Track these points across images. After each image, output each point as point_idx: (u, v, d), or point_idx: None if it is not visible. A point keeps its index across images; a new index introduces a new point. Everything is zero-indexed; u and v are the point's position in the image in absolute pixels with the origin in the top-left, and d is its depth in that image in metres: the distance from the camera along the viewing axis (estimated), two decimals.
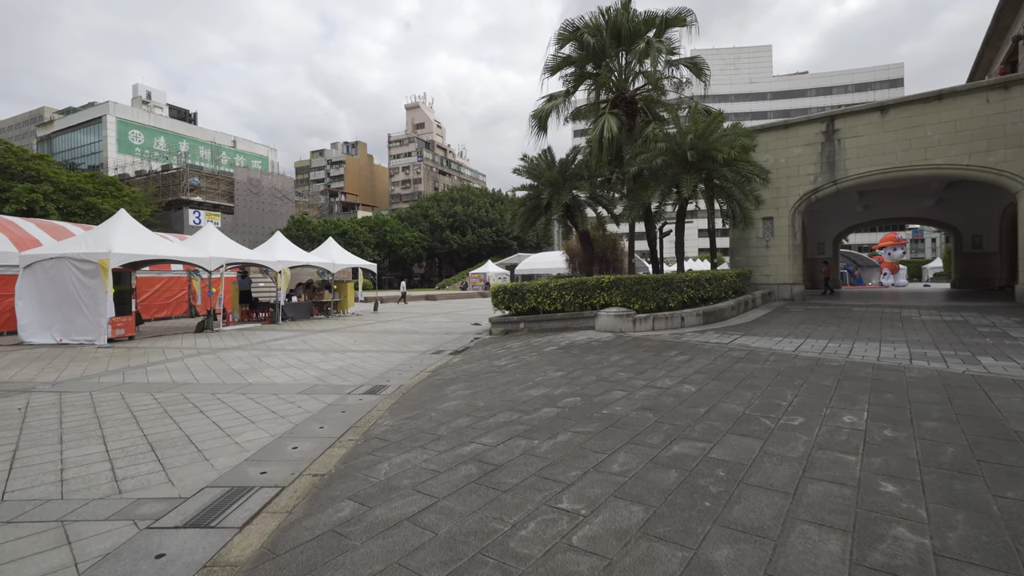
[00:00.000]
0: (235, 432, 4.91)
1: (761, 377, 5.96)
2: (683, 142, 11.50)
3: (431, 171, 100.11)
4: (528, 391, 5.93)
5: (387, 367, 8.62)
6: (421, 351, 10.45)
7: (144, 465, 4.04)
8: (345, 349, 10.90)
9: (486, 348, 9.97)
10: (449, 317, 19.55)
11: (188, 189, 52.87)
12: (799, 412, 4.53)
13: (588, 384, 6.06)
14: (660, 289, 10.79)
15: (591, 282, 11.05)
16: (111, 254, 11.98)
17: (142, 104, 71.77)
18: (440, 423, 4.87)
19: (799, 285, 16.34)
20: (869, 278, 43.97)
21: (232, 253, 16.04)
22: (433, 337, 12.94)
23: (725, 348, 7.98)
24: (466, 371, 7.63)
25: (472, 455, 3.91)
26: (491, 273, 48.31)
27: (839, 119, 15.15)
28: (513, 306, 12.35)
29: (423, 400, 5.96)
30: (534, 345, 9.53)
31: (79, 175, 35.68)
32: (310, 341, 12.41)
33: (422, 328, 15.37)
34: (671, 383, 5.87)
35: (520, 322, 12.18)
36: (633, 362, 7.23)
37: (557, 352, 8.53)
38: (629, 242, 13.88)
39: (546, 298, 11.70)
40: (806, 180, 15.79)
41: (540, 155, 13.85)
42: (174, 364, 9.11)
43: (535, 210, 13.88)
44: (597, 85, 13.74)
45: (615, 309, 10.49)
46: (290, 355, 10.10)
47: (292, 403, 6.08)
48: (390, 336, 13.35)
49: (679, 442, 3.92)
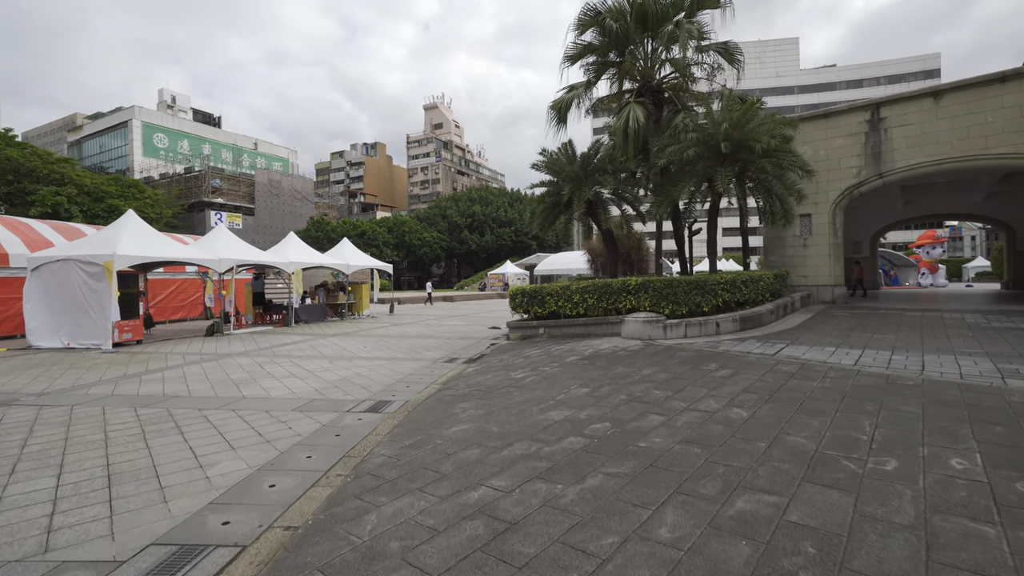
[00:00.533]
0: (210, 462, 4.24)
1: (824, 399, 5.05)
2: (716, 132, 10.55)
3: (449, 171, 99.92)
4: (549, 413, 5.15)
5: (395, 378, 7.93)
6: (433, 359, 9.75)
7: (90, 508, 3.38)
8: (353, 356, 10.27)
9: (503, 356, 9.21)
10: (466, 320, 18.86)
11: (210, 191, 53.48)
12: (888, 451, 3.65)
13: (618, 405, 5.24)
14: (693, 292, 9.87)
15: (616, 284, 10.20)
16: (116, 256, 11.60)
17: (167, 108, 73.18)
18: (445, 455, 4.12)
19: (841, 287, 15.16)
20: (906, 278, 41.87)
21: (243, 254, 15.63)
22: (447, 342, 12.25)
23: (772, 361, 7.06)
24: (480, 385, 6.88)
25: (480, 505, 3.15)
26: (510, 274, 47.59)
27: (886, 106, 13.95)
28: (532, 310, 11.57)
29: (429, 422, 5.23)
30: (554, 354, 8.74)
31: (102, 178, 36.17)
32: (319, 346, 11.84)
33: (437, 332, 14.70)
34: (717, 405, 5.02)
35: (539, 327, 11.39)
36: (668, 377, 6.38)
37: (580, 363, 7.72)
38: (656, 241, 12.95)
39: (567, 302, 10.89)
40: (848, 174, 14.62)
41: (560, 149, 13.01)
42: (172, 372, 8.59)
43: (555, 208, 13.05)
44: (620, 74, 12.85)
45: (643, 314, 9.62)
46: (295, 362, 9.51)
47: (283, 423, 5.41)
48: (403, 341, 12.70)
49: (742, 494, 3.09)
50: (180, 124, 69.78)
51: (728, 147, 10.22)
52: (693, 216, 14.41)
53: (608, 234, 13.16)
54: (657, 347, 8.57)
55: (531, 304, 11.54)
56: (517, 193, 74.85)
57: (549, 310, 11.25)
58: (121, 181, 37.01)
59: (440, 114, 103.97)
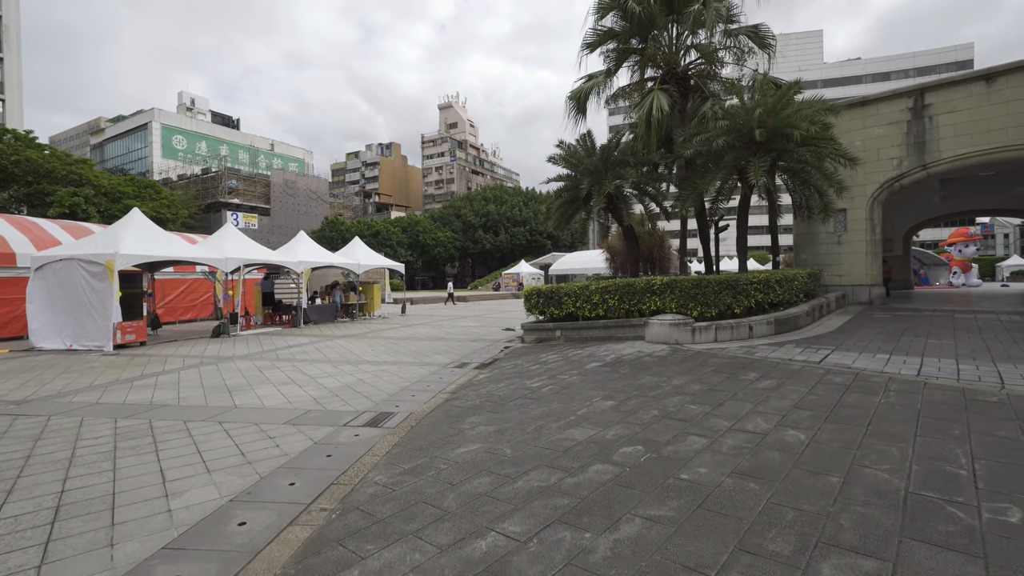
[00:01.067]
0: (178, 489, 3.67)
1: (895, 419, 4.30)
2: (749, 119, 9.74)
3: (464, 171, 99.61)
4: (570, 431, 4.48)
5: (401, 385, 7.33)
6: (443, 363, 9.13)
7: (18, 555, 2.81)
8: (359, 360, 9.71)
9: (517, 362, 8.55)
10: (479, 321, 18.25)
11: (226, 192, 53.83)
12: (1002, 493, 2.91)
13: (650, 423, 4.55)
14: (723, 293, 9.10)
15: (640, 284, 9.47)
16: (118, 255, 11.24)
17: (186, 111, 74.13)
18: (449, 485, 3.49)
19: (879, 287, 14.17)
20: (936, 277, 40.18)
21: (250, 254, 15.23)
22: (459, 345, 11.64)
23: (819, 369, 6.28)
24: (492, 395, 6.23)
25: (489, 562, 2.50)
26: (524, 273, 46.92)
27: (931, 92, 12.94)
28: (548, 311, 10.89)
29: (433, 440, 4.60)
30: (573, 360, 8.05)
31: (119, 179, 36.45)
32: (325, 349, 11.33)
33: (448, 334, 14.11)
34: (767, 425, 4.29)
35: (556, 329, 10.71)
36: (703, 388, 5.65)
37: (603, 370, 7.03)
38: (681, 239, 12.14)
39: (586, 302, 10.19)
40: (888, 166, 13.63)
41: (579, 140, 12.30)
42: (167, 377, 8.12)
43: (572, 203, 12.34)
44: (643, 61, 12.10)
45: (669, 316, 8.88)
46: (297, 367, 8.98)
47: (271, 439, 4.83)
48: (412, 344, 12.13)
49: (827, 554, 2.39)
50: (198, 126, 70.59)
51: (763, 135, 9.40)
52: (719, 212, 13.56)
53: (629, 231, 12.40)
54: (686, 353, 7.83)
55: (547, 305, 10.86)
56: (532, 192, 74.19)
57: (566, 311, 10.56)
58: (138, 182, 37.28)
59: (455, 113, 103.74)
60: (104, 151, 70.86)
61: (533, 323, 11.27)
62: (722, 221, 13.49)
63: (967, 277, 39.07)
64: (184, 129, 68.08)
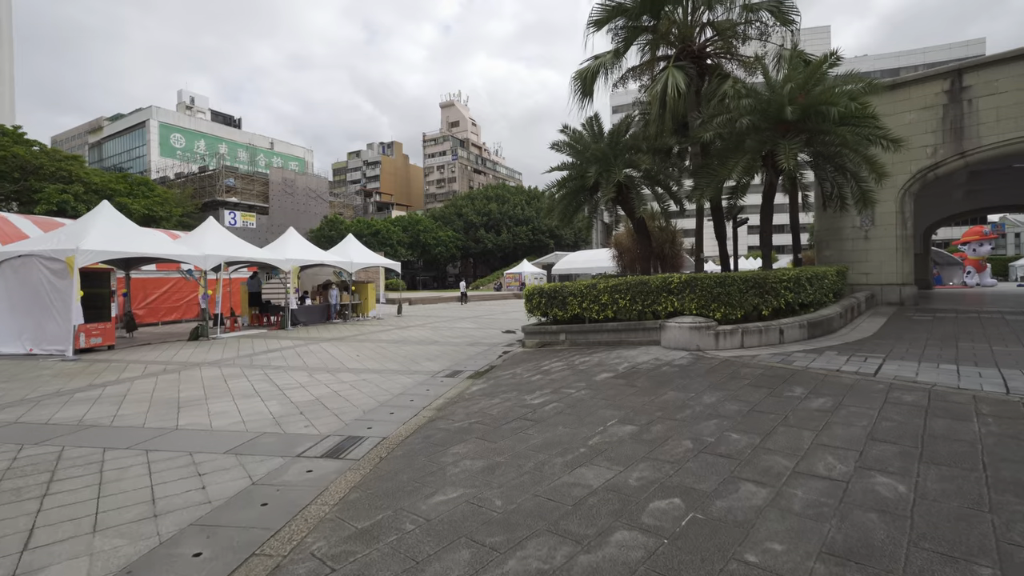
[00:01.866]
0: (32, 567, 2.64)
1: (1016, 458, 3.23)
2: (778, 97, 8.68)
3: (466, 170, 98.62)
4: (581, 471, 3.43)
5: (380, 399, 6.30)
6: (433, 372, 8.10)
7: None
8: (340, 367, 8.69)
9: (516, 370, 7.51)
10: (478, 323, 17.22)
11: (224, 190, 52.98)
12: None
13: (684, 460, 3.50)
14: (750, 292, 8.02)
15: (655, 283, 8.40)
16: (78, 251, 10.25)
17: (186, 109, 73.41)
18: (412, 563, 2.44)
19: (910, 286, 13.06)
20: (950, 277, 39.01)
21: (233, 251, 14.24)
22: (453, 350, 10.60)
23: (879, 384, 5.21)
24: (484, 414, 5.19)
25: None
26: (527, 273, 45.88)
27: (970, 72, 11.83)
28: (552, 313, 9.85)
29: (403, 481, 3.56)
30: (580, 368, 7.00)
31: (110, 175, 35.57)
32: (306, 354, 10.31)
33: (443, 337, 13.08)
34: (843, 466, 3.23)
35: (560, 333, 9.67)
36: (742, 409, 4.59)
37: (616, 383, 5.98)
38: (697, 233, 11.01)
39: (594, 303, 9.14)
40: (921, 154, 12.53)
41: (585, 124, 11.23)
42: (115, 389, 7.10)
43: (577, 194, 11.26)
44: (655, 39, 11.04)
45: (689, 319, 7.81)
46: (269, 375, 7.96)
47: (200, 476, 3.81)
48: (403, 348, 11.10)
49: None
50: (197, 124, 69.81)
51: (795, 113, 8.33)
52: (737, 206, 12.43)
53: (641, 225, 11.32)
54: (711, 361, 6.77)
55: (550, 306, 9.82)
56: (534, 191, 73.16)
57: (572, 313, 9.51)
58: (130, 179, 36.40)
59: (457, 112, 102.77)
60: (102, 150, 70.18)
61: (535, 326, 10.23)
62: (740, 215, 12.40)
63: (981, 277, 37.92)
64: (182, 127, 67.31)
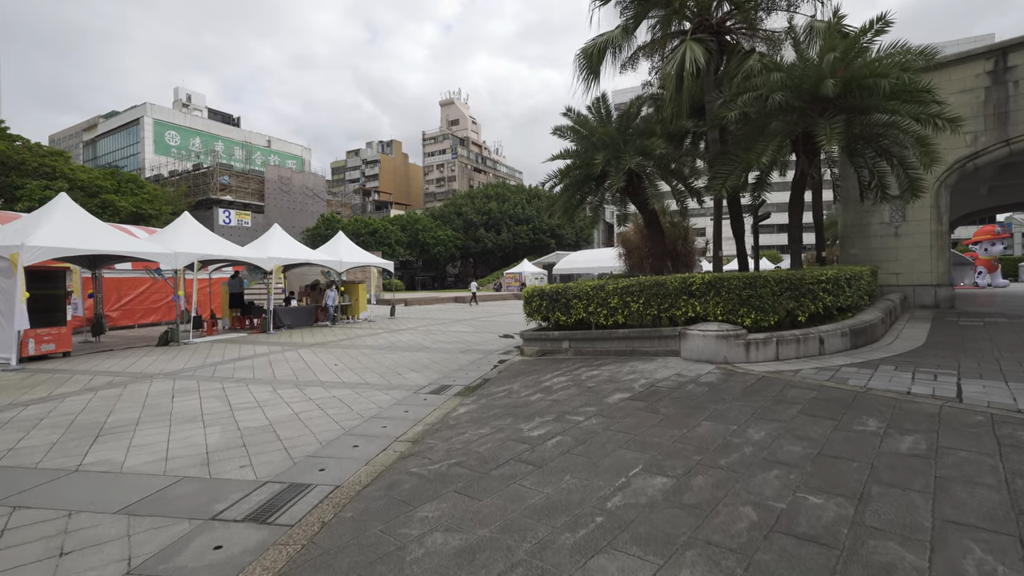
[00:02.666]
0: None
1: None
2: (814, 70, 7.56)
3: (466, 168, 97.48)
4: (602, 563, 2.31)
5: (347, 424, 5.19)
6: (416, 386, 6.99)
7: None
8: (312, 380, 7.58)
9: (512, 386, 6.40)
10: (474, 326, 16.11)
11: (218, 188, 51.92)
12: None
13: (749, 544, 2.37)
14: (784, 295, 6.91)
15: (673, 284, 7.28)
16: (23, 247, 9.14)
17: (182, 107, 72.29)
18: None
19: (946, 287, 11.93)
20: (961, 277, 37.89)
21: (206, 248, 13.14)
22: (444, 358, 9.50)
23: (973, 415, 4.09)
24: (468, 451, 4.07)
25: None
26: (527, 273, 44.80)
27: (1016, 51, 10.70)
28: (553, 317, 8.74)
29: (344, 569, 2.45)
30: (588, 386, 5.89)
31: (97, 172, 34.47)
32: (279, 362, 9.21)
33: (435, 342, 11.97)
34: (1005, 568, 2.11)
35: (563, 340, 8.56)
36: (807, 451, 3.47)
37: (632, 406, 4.86)
38: (715, 228, 9.79)
39: (601, 307, 8.03)
40: (959, 142, 11.39)
41: (591, 106, 10.10)
42: (37, 409, 6.00)
43: (582, 185, 10.12)
44: (668, 13, 9.91)
45: (715, 326, 6.70)
46: (227, 390, 6.87)
47: (57, 558, 2.70)
48: (387, 356, 9.99)
49: None
50: (192, 121, 68.74)
51: (835, 87, 7.21)
52: (762, 196, 11.27)
53: (653, 218, 10.18)
54: (745, 378, 5.65)
55: (552, 309, 8.71)
56: (535, 190, 72.07)
57: (576, 317, 8.40)
58: (118, 175, 35.27)
59: (456, 110, 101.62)
60: (96, 148, 69.16)
61: (535, 331, 9.13)
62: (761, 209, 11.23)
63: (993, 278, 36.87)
64: (177, 124, 66.24)
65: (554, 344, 8.72)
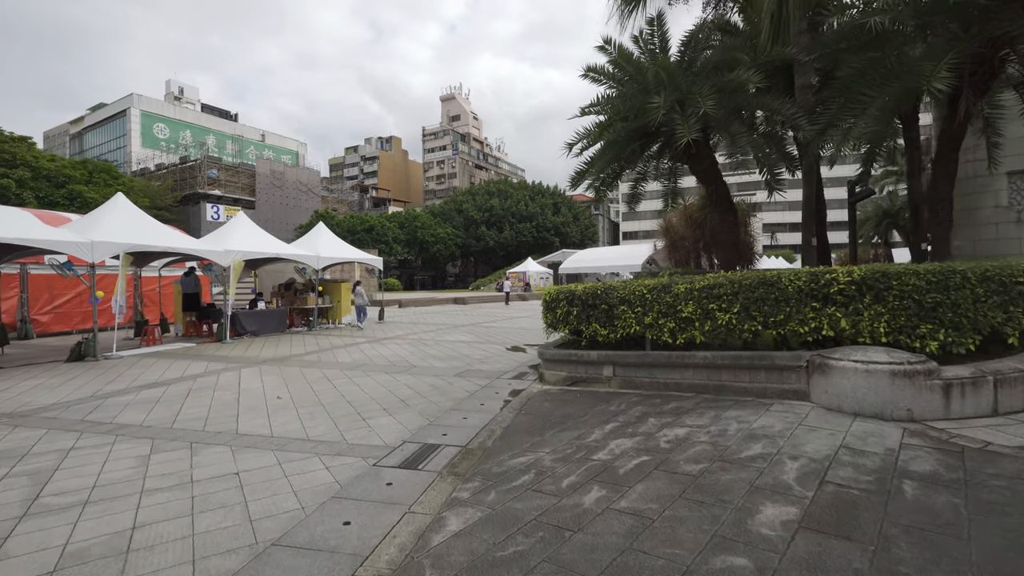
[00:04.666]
0: None
1: None
2: None
3: (467, 165, 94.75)
4: None
5: (215, 569, 2.49)
6: (383, 448, 4.29)
7: None
8: (224, 429, 4.89)
9: (541, 456, 3.70)
10: (475, 332, 13.42)
11: (206, 182, 49.30)
12: None
13: None
14: (991, 300, 4.20)
15: (794, 281, 4.58)
16: None
17: (174, 100, 69.62)
18: None
19: None
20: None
21: (140, 238, 10.46)
22: (434, 387, 6.80)
23: None
24: None
25: None
26: (531, 272, 42.09)
27: None
28: (589, 329, 6.07)
29: None
30: (686, 470, 3.17)
31: (65, 161, 31.81)
32: (203, 392, 6.53)
33: (425, 357, 9.28)
34: None
35: (604, 365, 5.88)
36: None
37: (827, 556, 2.14)
38: (805, 206, 7.07)
39: (666, 316, 5.34)
40: None
41: (640, 36, 7.38)
42: None
43: (628, 141, 7.27)
44: None
45: (880, 353, 4.00)
46: (69, 459, 4.19)
47: None
48: (359, 380, 7.31)
49: None
50: (183, 114, 66.08)
51: None
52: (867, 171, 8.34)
53: (724, 194, 7.38)
54: (992, 461, 2.94)
55: (586, 319, 6.04)
56: (538, 186, 69.41)
57: (624, 332, 5.71)
58: (89, 165, 32.62)
59: (457, 105, 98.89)
60: (83, 141, 66.54)
61: (560, 349, 6.44)
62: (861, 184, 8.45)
63: None
64: (166, 116, 63.57)
65: (591, 370, 6.03)
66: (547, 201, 66.62)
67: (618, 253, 41.51)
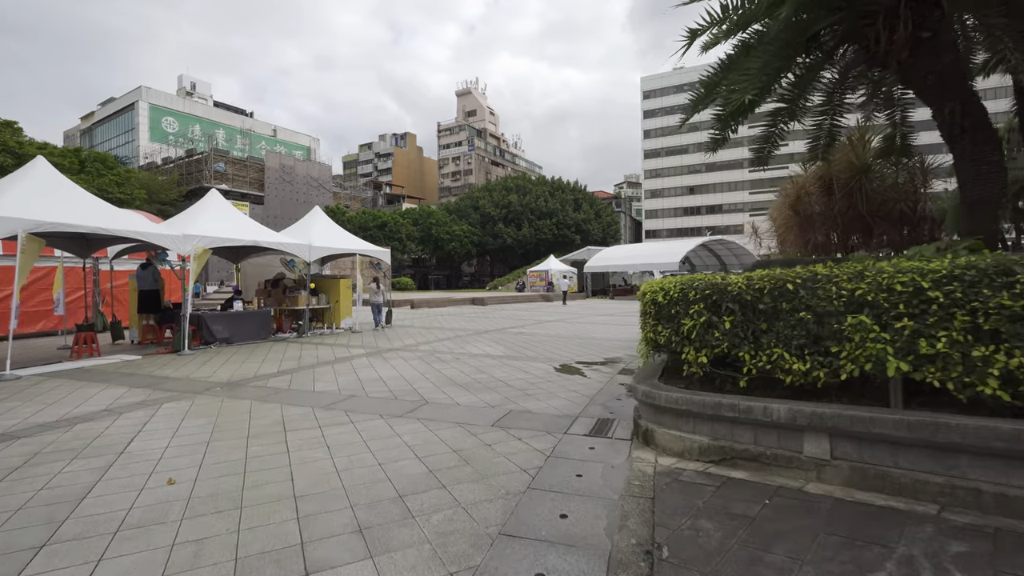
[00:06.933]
0: None
1: None
2: None
3: (483, 161, 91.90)
4: None
5: None
6: None
7: None
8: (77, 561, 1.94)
9: None
10: (506, 344, 10.40)
11: (212, 176, 47.18)
12: None
13: None
14: None
15: None
16: None
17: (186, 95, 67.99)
18: None
19: None
20: None
21: (69, 216, 7.67)
22: (457, 456, 3.81)
23: None
24: None
25: None
26: (554, 270, 38.98)
27: None
28: (763, 356, 3.02)
29: None
30: None
31: (55, 149, 29.67)
32: (64, 456, 3.61)
33: (442, 385, 6.28)
34: None
35: (807, 432, 2.82)
36: None
37: None
38: None
39: (993, 340, 2.25)
40: None
41: None
42: None
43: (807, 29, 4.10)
44: None
45: None
46: None
47: None
48: (332, 439, 4.36)
49: None
50: (192, 108, 64.35)
51: None
52: None
53: (976, 114, 4.19)
54: None
55: (751, 338, 2.99)
56: (558, 182, 66.23)
57: (858, 366, 2.64)
58: (82, 153, 30.46)
59: (474, 100, 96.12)
60: (93, 136, 65.25)
61: (687, 393, 3.36)
62: None
63: None
64: (175, 110, 61.86)
65: (769, 438, 2.98)
66: (567, 197, 63.42)
67: (650, 250, 38.19)
